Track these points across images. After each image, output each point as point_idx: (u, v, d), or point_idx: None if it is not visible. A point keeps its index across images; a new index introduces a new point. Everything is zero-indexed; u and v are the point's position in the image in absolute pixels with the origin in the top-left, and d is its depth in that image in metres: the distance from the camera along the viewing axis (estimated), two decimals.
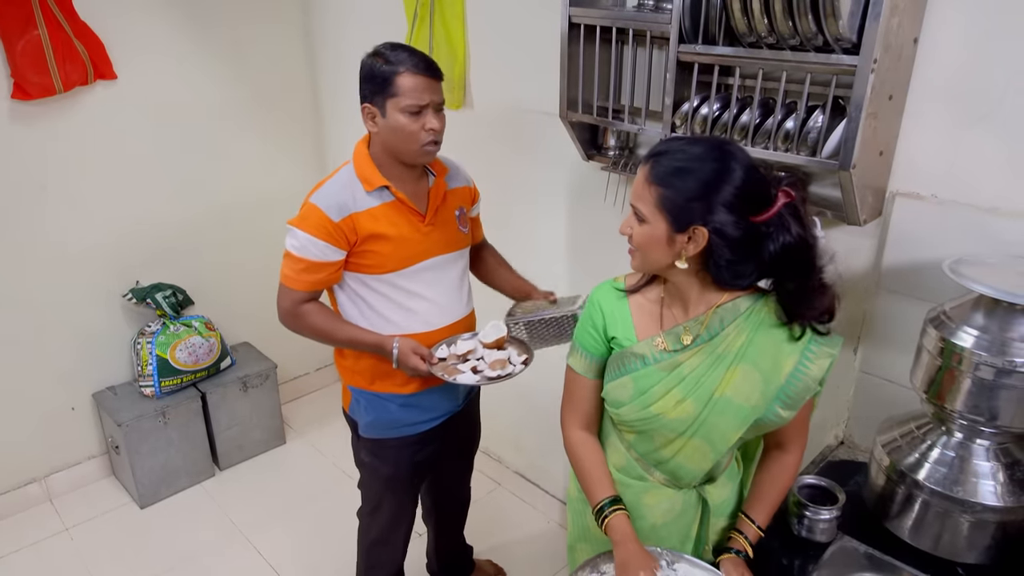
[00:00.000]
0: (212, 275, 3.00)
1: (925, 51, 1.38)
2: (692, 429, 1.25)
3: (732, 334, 1.22)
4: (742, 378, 1.21)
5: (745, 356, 1.21)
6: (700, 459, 1.29)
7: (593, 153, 1.96)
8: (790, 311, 1.20)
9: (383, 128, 1.61)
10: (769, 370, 1.21)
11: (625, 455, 1.36)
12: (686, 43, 1.54)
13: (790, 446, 1.35)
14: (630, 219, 1.21)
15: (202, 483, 2.88)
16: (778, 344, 1.21)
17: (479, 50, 2.32)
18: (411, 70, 1.56)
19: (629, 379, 1.27)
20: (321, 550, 2.45)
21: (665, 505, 1.35)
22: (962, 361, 1.21)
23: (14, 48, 2.30)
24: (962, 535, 1.27)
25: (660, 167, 1.15)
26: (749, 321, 1.22)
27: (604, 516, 1.29)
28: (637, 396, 1.26)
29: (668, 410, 1.25)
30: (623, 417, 1.30)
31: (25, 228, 2.50)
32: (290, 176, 3.16)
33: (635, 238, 1.21)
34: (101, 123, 2.57)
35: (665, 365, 1.25)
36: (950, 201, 1.42)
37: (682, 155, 1.15)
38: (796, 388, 1.21)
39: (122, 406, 2.70)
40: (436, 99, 1.60)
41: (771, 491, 1.36)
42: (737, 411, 1.22)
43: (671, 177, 1.14)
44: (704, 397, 1.23)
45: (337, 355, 1.88)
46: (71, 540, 2.60)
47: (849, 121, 1.32)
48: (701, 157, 1.14)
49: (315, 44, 3.02)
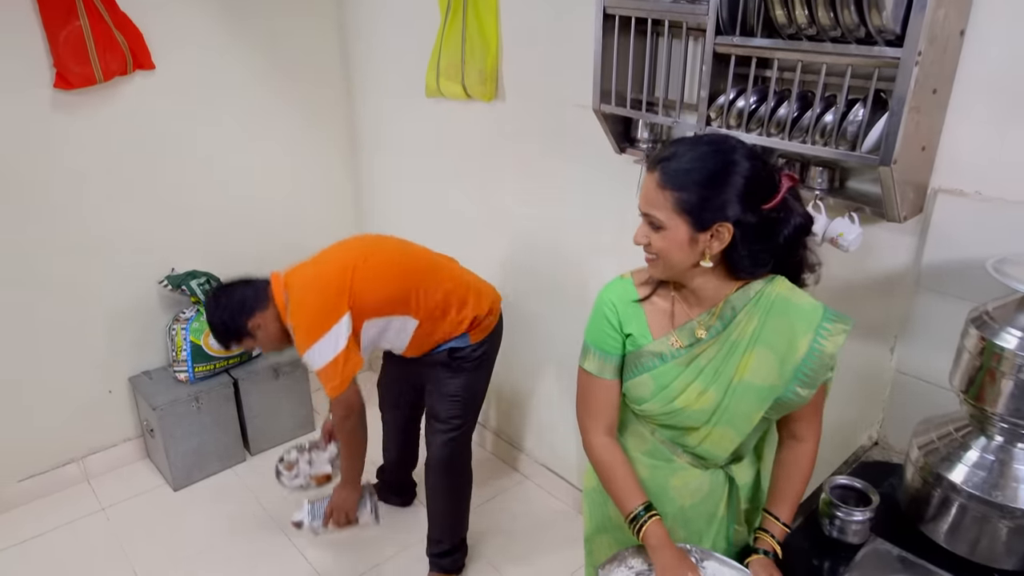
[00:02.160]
0: (245, 263, 3.03)
1: (972, 44, 1.34)
2: (716, 417, 1.26)
3: (744, 320, 1.23)
4: (758, 361, 1.22)
5: (759, 339, 1.23)
6: (726, 443, 1.29)
7: (626, 146, 1.94)
8: (794, 280, 1.26)
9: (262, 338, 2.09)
10: (785, 351, 1.22)
11: (650, 439, 1.36)
12: (723, 35, 1.52)
13: (805, 435, 1.34)
14: (644, 228, 1.20)
15: (233, 467, 2.93)
16: (792, 324, 1.22)
17: (512, 42, 2.31)
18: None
19: (648, 377, 1.28)
20: (348, 533, 2.48)
21: (693, 485, 1.35)
22: (1004, 362, 1.18)
23: (56, 38, 2.35)
24: (1000, 540, 1.24)
25: (671, 171, 1.15)
26: (759, 305, 1.23)
27: (640, 523, 1.27)
28: (659, 392, 1.27)
29: (691, 402, 1.26)
30: (647, 412, 1.30)
31: (65, 215, 2.56)
32: (323, 166, 3.19)
33: (654, 246, 1.19)
34: (139, 112, 2.61)
35: (682, 360, 1.26)
36: (995, 198, 1.38)
37: (690, 156, 1.15)
38: (813, 366, 1.22)
39: (157, 390, 2.76)
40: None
41: (791, 485, 1.35)
42: (757, 392, 1.23)
43: (684, 178, 1.14)
44: (724, 384, 1.24)
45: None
46: (107, 520, 2.66)
47: (891, 115, 1.29)
48: (708, 155, 1.15)
49: (348, 36, 3.03)
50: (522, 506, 2.73)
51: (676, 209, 1.15)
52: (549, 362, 2.61)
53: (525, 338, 2.60)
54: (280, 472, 2.38)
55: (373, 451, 2.28)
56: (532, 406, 2.76)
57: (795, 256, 1.25)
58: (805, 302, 1.24)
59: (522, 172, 2.42)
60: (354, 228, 3.39)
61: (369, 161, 3.20)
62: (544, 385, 2.66)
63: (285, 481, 2.37)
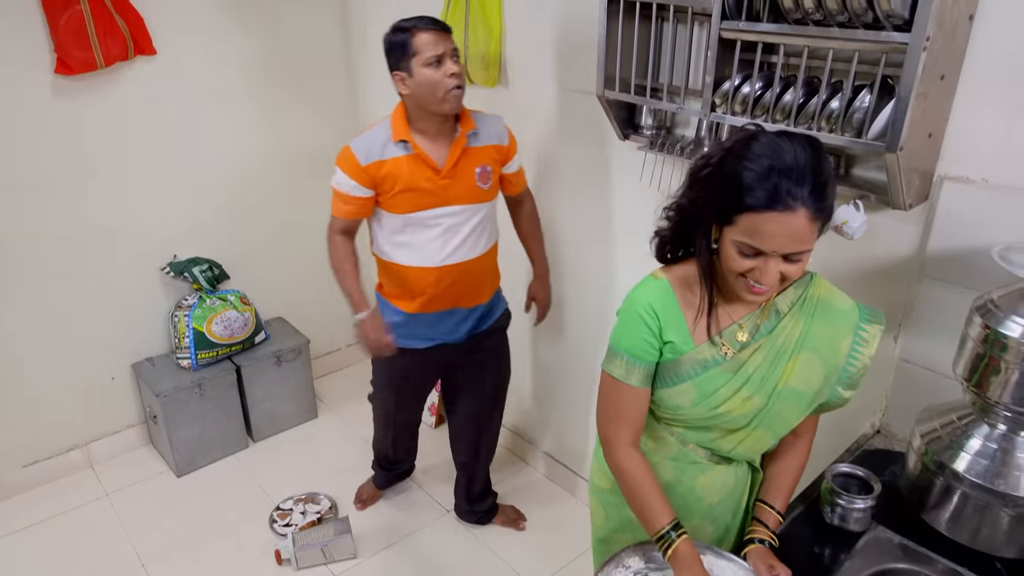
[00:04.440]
0: (248, 250, 3.04)
1: (980, 29, 1.32)
2: (756, 421, 1.24)
3: (789, 325, 1.21)
4: (804, 366, 1.21)
5: (804, 344, 1.21)
6: (761, 446, 1.29)
7: (630, 132, 1.93)
8: None
9: (413, 87, 1.86)
10: (827, 354, 1.21)
11: (677, 446, 1.31)
12: (729, 19, 1.50)
13: (802, 430, 1.34)
14: (776, 267, 1.07)
15: (236, 454, 2.94)
16: (834, 327, 1.21)
17: (515, 27, 2.29)
18: (422, 28, 1.83)
19: (691, 385, 1.22)
20: (351, 522, 2.49)
21: (719, 481, 1.34)
22: (1008, 351, 1.17)
23: (57, 23, 2.34)
24: (1002, 529, 1.25)
25: (822, 195, 1.03)
26: (803, 310, 1.21)
27: (670, 543, 1.19)
28: (702, 400, 1.22)
29: (736, 408, 1.23)
30: (682, 417, 1.26)
31: (67, 201, 2.55)
32: (325, 152, 3.15)
33: (789, 275, 1.09)
34: (141, 98, 2.60)
35: (729, 367, 1.21)
36: (1002, 186, 1.37)
37: (819, 161, 1.04)
38: (856, 367, 1.23)
39: (160, 377, 2.76)
40: (450, 47, 1.86)
41: (786, 475, 1.35)
42: (800, 398, 1.22)
43: (832, 197, 1.05)
44: (769, 390, 1.21)
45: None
46: (111, 505, 2.68)
47: (898, 101, 1.28)
48: (811, 153, 1.04)
49: (350, 21, 3.01)
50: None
51: (818, 230, 1.06)
52: (569, 356, 2.58)
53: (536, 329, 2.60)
54: (274, 520, 2.57)
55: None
56: (555, 404, 2.76)
57: None
58: (843, 304, 1.23)
59: (525, 159, 2.41)
60: None
61: None
62: (565, 381, 2.65)
63: (277, 529, 2.54)
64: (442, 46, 1.83)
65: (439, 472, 2.79)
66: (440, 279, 2.03)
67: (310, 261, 3.26)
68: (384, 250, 2.06)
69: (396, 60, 1.86)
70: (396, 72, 1.88)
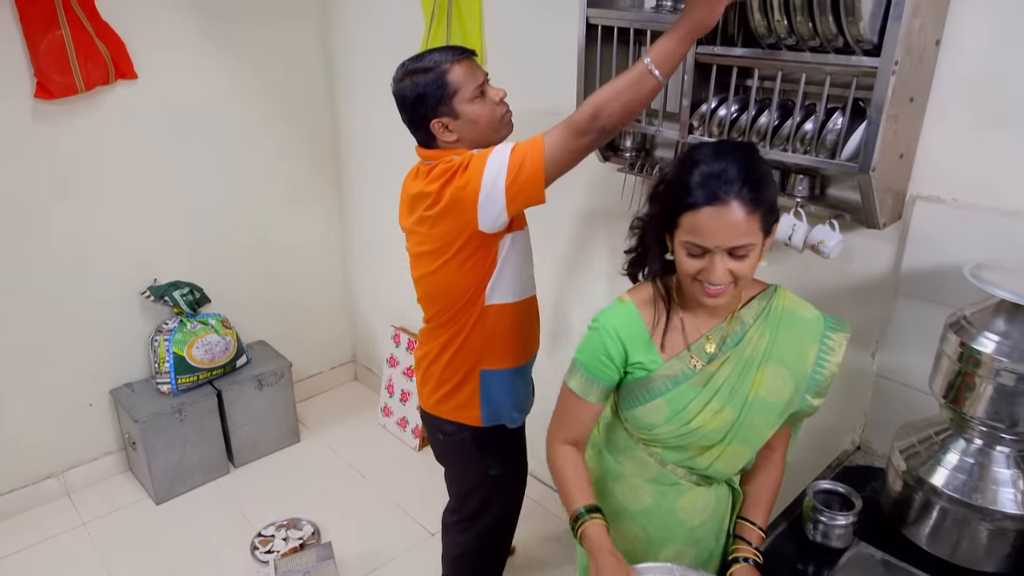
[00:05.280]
0: (229, 273, 3.03)
1: (947, 53, 1.37)
2: (731, 435, 1.25)
3: (755, 336, 1.23)
4: (772, 376, 1.23)
5: (771, 355, 1.23)
6: (738, 460, 1.30)
7: (610, 154, 1.96)
8: None
9: (462, 128, 1.60)
10: (795, 363, 1.24)
11: (656, 467, 1.33)
12: (704, 44, 1.54)
13: (775, 443, 1.36)
14: (724, 264, 1.11)
15: (217, 480, 2.90)
16: (800, 337, 1.24)
17: (496, 51, 2.32)
18: (453, 62, 1.56)
19: (662, 401, 1.24)
20: (334, 547, 2.45)
21: (700, 503, 1.34)
22: (982, 367, 1.19)
23: (37, 47, 2.33)
24: (981, 543, 1.26)
25: (754, 187, 1.08)
26: (769, 320, 1.24)
27: (581, 522, 1.22)
28: (674, 416, 1.24)
29: (707, 422, 1.24)
30: (657, 436, 1.28)
31: (46, 226, 2.53)
32: (306, 176, 3.18)
33: (739, 275, 1.13)
34: (121, 122, 2.60)
35: (698, 380, 1.23)
36: (971, 205, 1.40)
37: (739, 166, 1.09)
38: (823, 375, 1.25)
39: (139, 403, 2.73)
40: (484, 73, 1.62)
41: (764, 490, 1.37)
42: (772, 408, 1.24)
43: (765, 192, 1.10)
44: (740, 402, 1.23)
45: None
46: (88, 534, 2.62)
47: (869, 123, 1.31)
48: (748, 156, 1.12)
49: (332, 44, 3.03)
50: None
51: (761, 227, 1.11)
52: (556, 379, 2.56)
53: None
54: (256, 547, 2.53)
55: None
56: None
57: None
58: (808, 313, 1.26)
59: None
60: (340, 236, 3.38)
61: (355, 169, 3.19)
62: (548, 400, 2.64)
63: (259, 556, 2.50)
64: (480, 74, 1.60)
65: (423, 495, 2.77)
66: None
67: (291, 284, 3.26)
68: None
69: (434, 106, 1.57)
70: (436, 120, 1.58)
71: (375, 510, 2.73)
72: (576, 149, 1.45)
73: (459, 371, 1.74)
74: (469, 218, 1.52)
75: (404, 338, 3.09)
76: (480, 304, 1.66)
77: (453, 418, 1.79)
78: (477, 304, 1.66)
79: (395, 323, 3.16)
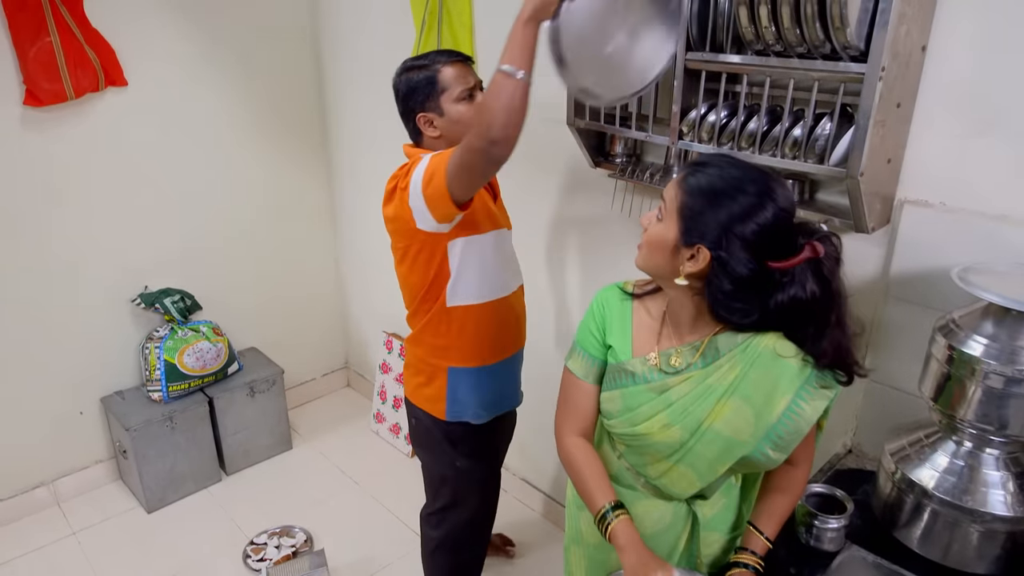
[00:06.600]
0: (220, 280, 3.02)
1: (934, 59, 1.38)
2: (678, 455, 1.24)
3: (726, 366, 1.19)
4: (733, 412, 1.18)
5: (737, 390, 1.18)
6: (686, 484, 1.28)
7: (600, 160, 1.96)
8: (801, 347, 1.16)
9: (446, 127, 1.68)
10: (761, 406, 1.17)
11: (617, 463, 1.35)
12: (693, 51, 1.55)
13: (797, 461, 1.32)
14: (654, 212, 1.20)
15: (209, 488, 2.88)
16: (774, 381, 1.16)
17: (486, 58, 2.32)
18: (446, 62, 1.66)
19: (618, 394, 1.27)
20: (327, 555, 2.44)
21: (655, 515, 1.33)
22: (971, 370, 1.20)
23: (26, 55, 2.32)
24: (971, 545, 1.26)
25: (696, 178, 1.13)
26: (745, 355, 1.17)
27: (607, 522, 1.24)
28: (625, 412, 1.26)
29: (654, 432, 1.23)
30: (614, 429, 1.30)
31: (35, 233, 2.52)
32: (297, 182, 3.18)
33: (648, 233, 1.19)
34: (111, 129, 2.59)
35: (654, 387, 1.23)
36: (959, 209, 1.41)
37: (721, 174, 1.11)
38: (788, 429, 1.17)
39: (130, 411, 2.71)
40: (477, 79, 1.70)
41: (780, 504, 1.33)
42: (726, 443, 1.20)
43: (700, 190, 1.12)
44: (692, 426, 1.20)
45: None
46: (78, 544, 2.60)
47: (857, 129, 1.32)
48: (739, 185, 1.09)
49: (323, 51, 3.03)
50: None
51: (678, 211, 1.14)
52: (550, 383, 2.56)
53: None
54: (248, 555, 2.53)
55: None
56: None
57: (801, 327, 1.14)
58: (794, 361, 1.15)
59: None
60: (331, 243, 3.37)
61: (347, 176, 3.19)
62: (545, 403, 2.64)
63: (251, 564, 2.50)
64: (472, 78, 1.68)
65: (416, 502, 2.75)
66: None
67: (283, 290, 3.25)
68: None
69: (421, 101, 1.66)
70: (423, 114, 1.68)
71: (368, 517, 2.72)
72: (473, 164, 1.45)
73: (429, 364, 1.81)
74: (408, 216, 1.61)
75: (396, 344, 3.09)
76: (442, 303, 1.72)
77: (424, 408, 1.86)
78: (438, 303, 1.72)
79: (387, 329, 3.16)
